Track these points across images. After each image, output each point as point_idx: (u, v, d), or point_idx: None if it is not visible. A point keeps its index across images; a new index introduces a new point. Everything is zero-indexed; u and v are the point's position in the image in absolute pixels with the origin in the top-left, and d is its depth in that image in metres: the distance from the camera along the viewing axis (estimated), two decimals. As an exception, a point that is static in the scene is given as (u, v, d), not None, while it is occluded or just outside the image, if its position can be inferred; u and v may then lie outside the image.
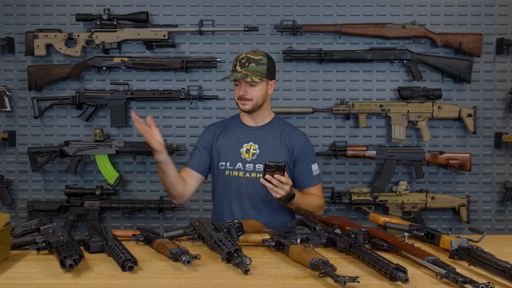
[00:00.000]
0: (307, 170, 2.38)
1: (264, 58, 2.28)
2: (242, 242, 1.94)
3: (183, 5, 3.31)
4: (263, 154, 2.34)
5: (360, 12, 3.31)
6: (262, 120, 2.40)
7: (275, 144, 2.36)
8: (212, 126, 2.48)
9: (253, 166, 2.33)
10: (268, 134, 2.38)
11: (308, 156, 2.39)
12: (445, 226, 3.33)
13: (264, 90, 2.30)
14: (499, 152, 3.34)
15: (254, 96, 2.28)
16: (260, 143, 2.36)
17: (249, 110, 2.31)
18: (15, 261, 1.75)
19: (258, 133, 2.38)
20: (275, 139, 2.37)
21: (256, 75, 2.24)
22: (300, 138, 2.40)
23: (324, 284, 1.50)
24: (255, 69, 2.25)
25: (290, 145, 2.37)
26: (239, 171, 2.34)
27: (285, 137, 2.38)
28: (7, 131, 3.30)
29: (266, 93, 2.33)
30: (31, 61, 3.29)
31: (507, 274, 1.44)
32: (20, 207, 3.36)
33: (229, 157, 2.36)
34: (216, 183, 2.41)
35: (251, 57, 2.27)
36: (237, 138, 2.38)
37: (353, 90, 3.33)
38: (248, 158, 2.34)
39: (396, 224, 2.03)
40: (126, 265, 1.60)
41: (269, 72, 2.30)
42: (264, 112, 2.39)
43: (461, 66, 3.21)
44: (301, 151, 2.37)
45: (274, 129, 2.39)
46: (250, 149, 2.35)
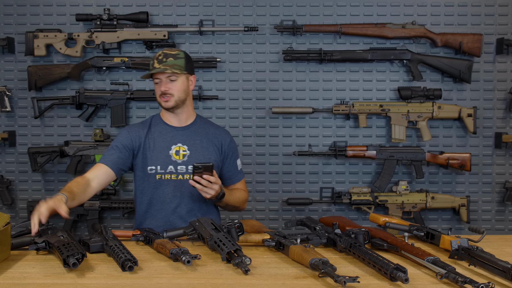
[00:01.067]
0: (234, 167, 2.45)
1: (181, 53, 2.31)
2: (242, 242, 1.94)
3: (183, 5, 3.31)
4: (193, 155, 2.33)
5: (360, 12, 3.31)
6: (186, 119, 2.39)
7: (203, 143, 2.37)
8: (135, 128, 2.39)
9: (185, 168, 2.32)
10: (195, 134, 2.38)
11: (234, 152, 2.46)
12: (445, 226, 3.33)
13: (185, 84, 2.30)
14: (499, 152, 3.34)
15: (175, 91, 2.27)
16: (188, 143, 2.35)
17: (172, 107, 2.30)
18: (15, 261, 1.75)
19: (185, 133, 2.37)
20: (203, 138, 2.38)
21: (176, 68, 2.25)
22: (226, 136, 2.45)
23: (324, 284, 1.49)
24: (174, 63, 2.26)
25: (218, 143, 2.40)
26: (171, 174, 2.31)
27: (212, 136, 2.40)
28: (7, 131, 3.30)
29: (187, 88, 2.32)
30: (31, 61, 3.29)
31: (507, 274, 1.44)
32: (20, 207, 3.36)
33: (158, 160, 2.31)
34: (143, 187, 2.34)
35: (168, 52, 2.28)
36: (163, 140, 2.35)
37: (353, 90, 3.33)
38: (179, 160, 2.32)
39: (396, 224, 2.03)
40: (126, 265, 1.60)
41: (187, 66, 2.30)
42: (188, 109, 2.38)
43: (461, 66, 3.21)
44: (228, 148, 2.42)
45: (199, 129, 2.40)
46: (179, 150, 2.33)
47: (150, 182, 2.33)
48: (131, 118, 3.32)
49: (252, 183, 3.35)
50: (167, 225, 2.26)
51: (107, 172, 2.28)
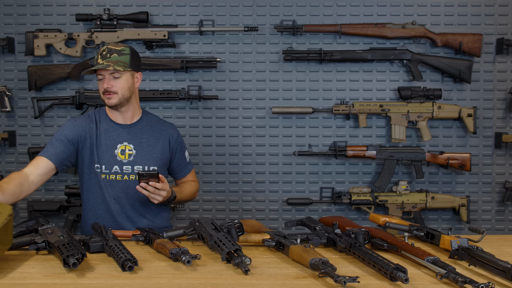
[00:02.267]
0: (182, 160, 2.44)
1: (127, 49, 2.22)
2: (242, 242, 1.94)
3: (183, 5, 3.31)
4: (139, 155, 2.28)
5: (360, 12, 3.31)
6: (132, 116, 2.31)
7: (150, 142, 2.31)
8: (81, 122, 2.28)
9: (131, 168, 2.26)
10: (141, 132, 2.31)
11: (182, 146, 2.44)
12: (445, 226, 3.33)
13: (129, 81, 2.22)
14: (499, 152, 3.34)
15: (119, 89, 2.19)
16: (134, 142, 2.29)
17: (116, 104, 2.22)
18: (15, 261, 1.75)
19: (131, 131, 2.30)
20: (149, 136, 2.32)
21: (119, 65, 2.18)
22: (173, 131, 2.41)
23: (324, 284, 1.49)
24: (118, 59, 2.18)
25: (166, 139, 2.36)
26: (117, 174, 2.25)
27: (158, 133, 2.34)
28: (7, 131, 3.30)
29: (132, 85, 2.24)
30: (31, 61, 3.29)
31: (507, 274, 1.44)
32: (20, 207, 3.36)
33: (104, 159, 2.24)
34: (89, 185, 2.28)
35: (112, 48, 2.20)
36: (109, 138, 2.27)
37: (353, 90, 3.33)
38: (124, 160, 2.26)
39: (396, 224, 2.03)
40: (126, 265, 1.60)
41: (133, 63, 2.22)
42: (133, 107, 2.30)
43: (461, 66, 3.21)
44: (176, 143, 2.40)
45: (145, 126, 2.33)
46: (125, 149, 2.27)
47: (96, 181, 2.26)
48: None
49: (252, 183, 3.35)
50: (113, 226, 2.21)
51: (48, 165, 2.17)
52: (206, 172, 3.35)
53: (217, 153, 3.34)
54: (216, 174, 3.35)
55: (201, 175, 3.34)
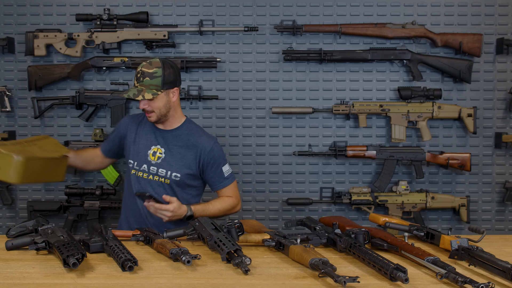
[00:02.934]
0: (218, 173, 2.46)
1: (159, 70, 2.30)
2: (242, 242, 1.94)
3: (183, 5, 3.31)
4: (168, 159, 2.39)
5: (360, 12, 3.31)
6: (171, 125, 2.44)
7: (181, 150, 2.40)
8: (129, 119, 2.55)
9: (156, 169, 2.40)
10: (176, 139, 2.42)
11: (217, 160, 2.44)
12: (445, 226, 3.33)
13: (164, 100, 2.34)
14: (499, 152, 3.34)
15: (155, 108, 2.33)
16: (166, 147, 2.40)
17: (156, 121, 2.38)
18: (15, 261, 1.75)
19: (166, 136, 2.43)
20: (182, 144, 2.41)
21: (151, 89, 2.28)
22: (207, 144, 2.43)
23: (324, 284, 1.50)
24: (150, 83, 2.29)
25: (198, 151, 2.40)
26: (144, 172, 2.41)
27: (193, 143, 2.41)
28: (7, 131, 3.29)
29: (168, 102, 2.36)
30: (31, 61, 3.29)
31: (507, 274, 1.45)
32: (20, 207, 3.36)
33: (137, 156, 2.43)
34: (126, 176, 2.50)
35: (145, 71, 2.30)
36: (147, 139, 2.44)
37: (353, 90, 3.33)
38: (153, 161, 2.40)
39: (396, 224, 2.03)
40: (126, 265, 1.60)
41: (166, 83, 2.32)
42: (173, 118, 2.42)
43: (461, 66, 3.21)
44: (209, 157, 2.42)
45: (183, 134, 2.43)
46: (156, 152, 2.40)
47: (129, 174, 2.46)
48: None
49: (252, 183, 3.35)
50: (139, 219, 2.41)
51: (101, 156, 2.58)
52: (206, 172, 3.35)
53: (217, 153, 3.34)
54: (216, 174, 3.35)
55: (201, 175, 3.34)
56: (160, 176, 2.38)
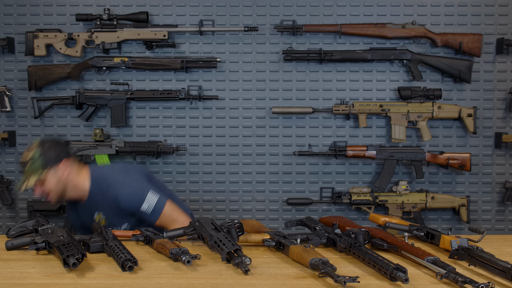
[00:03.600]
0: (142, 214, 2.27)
1: (37, 151, 2.21)
2: (242, 242, 1.94)
3: (183, 5, 3.31)
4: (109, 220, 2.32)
5: (360, 12, 3.31)
6: (82, 194, 2.30)
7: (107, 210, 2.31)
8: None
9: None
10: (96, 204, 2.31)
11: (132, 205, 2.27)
12: (445, 226, 3.33)
13: (54, 178, 2.22)
14: (499, 152, 3.34)
15: (49, 188, 2.23)
16: (100, 211, 2.33)
17: (56, 201, 2.31)
18: (15, 261, 1.75)
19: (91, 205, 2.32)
20: (104, 205, 2.31)
21: (35, 174, 2.19)
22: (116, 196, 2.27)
23: (324, 284, 1.49)
24: (32, 169, 2.20)
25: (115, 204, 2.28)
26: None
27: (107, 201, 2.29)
28: (7, 131, 3.30)
29: (61, 177, 2.23)
30: (31, 61, 3.29)
31: (507, 274, 1.44)
32: (20, 207, 3.36)
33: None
34: None
35: (24, 160, 2.23)
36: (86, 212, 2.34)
37: (353, 90, 3.33)
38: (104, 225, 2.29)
39: (396, 224, 2.03)
40: (126, 265, 1.60)
41: (48, 161, 2.21)
42: (77, 189, 2.29)
43: (461, 66, 3.21)
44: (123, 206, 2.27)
45: (97, 197, 2.31)
46: (100, 218, 2.33)
47: None
48: (131, 118, 3.32)
49: (252, 183, 3.35)
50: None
51: None
52: (206, 172, 3.35)
53: (217, 153, 3.34)
54: (216, 174, 3.35)
55: (201, 175, 3.34)
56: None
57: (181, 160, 3.31)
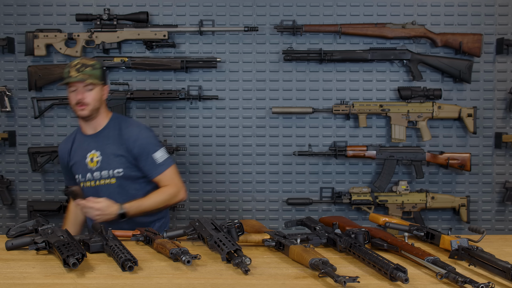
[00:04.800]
0: (149, 162, 2.39)
1: (98, 64, 2.38)
2: (242, 242, 1.94)
3: (183, 5, 3.31)
4: (105, 160, 2.37)
5: (360, 12, 3.31)
6: (99, 125, 2.42)
7: (113, 146, 2.39)
8: (62, 145, 2.53)
9: (99, 174, 2.38)
10: (106, 138, 2.40)
11: (146, 148, 2.38)
12: (445, 226, 3.33)
13: (99, 94, 2.37)
14: (499, 152, 3.34)
15: (91, 100, 2.33)
16: (101, 149, 2.39)
17: (87, 115, 2.35)
18: (15, 261, 1.75)
19: (97, 139, 2.41)
20: (113, 140, 2.39)
21: (93, 78, 2.32)
22: (133, 134, 2.40)
23: (324, 284, 1.49)
24: (91, 73, 2.32)
25: (126, 143, 2.38)
26: (90, 181, 2.39)
27: (120, 137, 2.40)
28: (7, 131, 3.30)
29: (101, 97, 2.39)
30: (31, 61, 3.29)
31: (507, 274, 1.44)
32: (20, 207, 3.36)
33: (79, 169, 2.42)
34: None
35: (85, 62, 2.35)
36: (81, 149, 2.43)
37: (353, 90, 3.33)
38: (93, 167, 2.39)
39: (396, 224, 2.03)
40: (126, 265, 1.60)
41: (103, 77, 2.39)
42: (101, 116, 2.41)
43: (461, 66, 3.21)
44: (136, 146, 2.38)
45: (110, 132, 2.41)
46: (93, 157, 2.39)
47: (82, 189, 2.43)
48: (131, 118, 3.32)
49: (252, 183, 3.35)
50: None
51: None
52: (206, 172, 3.35)
53: (217, 153, 3.34)
54: (216, 174, 3.35)
55: (201, 175, 3.34)
56: (104, 178, 2.38)
57: (181, 160, 3.31)
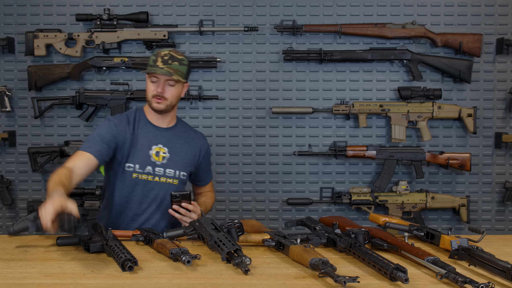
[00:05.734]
0: (207, 170, 2.50)
1: (186, 59, 2.27)
2: (242, 242, 1.94)
3: (183, 5, 3.31)
4: (173, 158, 2.31)
5: (360, 12, 3.31)
6: (169, 122, 2.35)
7: (183, 147, 2.35)
8: (120, 122, 2.28)
9: (163, 171, 2.29)
10: (176, 137, 2.35)
11: (209, 156, 2.50)
12: (445, 226, 3.33)
13: (180, 91, 2.28)
14: (499, 152, 3.34)
15: (170, 96, 2.24)
16: (169, 146, 2.32)
17: (163, 110, 2.26)
18: (15, 261, 1.75)
19: (166, 135, 2.33)
20: (183, 142, 2.36)
21: (179, 74, 2.22)
22: (204, 141, 2.46)
23: (324, 284, 1.50)
24: (178, 68, 2.22)
25: (197, 148, 2.40)
26: (149, 174, 2.27)
27: (191, 141, 2.39)
28: (7, 131, 3.30)
29: (180, 95, 2.30)
30: (31, 61, 3.29)
31: (507, 274, 1.44)
32: (20, 207, 3.36)
33: (138, 158, 2.26)
34: (117, 183, 2.29)
35: (174, 55, 2.23)
36: (145, 139, 2.29)
37: (353, 90, 3.33)
38: (158, 162, 2.29)
39: (396, 224, 2.03)
40: (126, 265, 1.60)
41: (187, 74, 2.29)
42: (173, 113, 2.36)
43: (461, 66, 3.21)
44: (206, 153, 2.44)
45: (180, 132, 2.38)
46: (160, 152, 2.30)
47: (125, 180, 2.26)
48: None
49: (252, 183, 3.35)
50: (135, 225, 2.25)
51: (92, 161, 2.16)
52: (206, 172, 3.35)
53: (217, 153, 3.34)
54: (216, 174, 3.35)
55: (201, 175, 3.34)
56: (168, 177, 2.30)
57: (181, 160, 3.31)
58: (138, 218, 2.30)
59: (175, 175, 2.31)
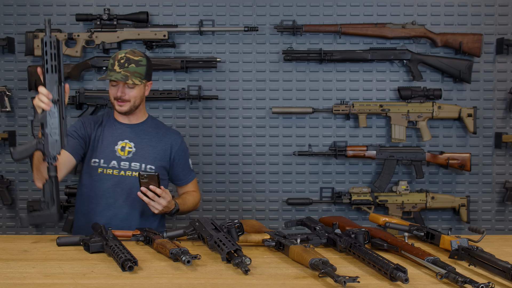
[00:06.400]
0: (186, 167, 2.46)
1: (144, 59, 2.28)
2: (242, 242, 1.94)
3: (183, 5, 3.31)
4: (139, 153, 2.33)
5: (360, 12, 3.31)
6: (137, 119, 2.39)
7: (151, 142, 2.36)
8: (88, 120, 2.38)
9: (128, 164, 2.31)
10: (144, 132, 2.37)
11: (185, 153, 2.48)
12: (445, 226, 3.33)
13: (142, 91, 2.31)
14: (499, 152, 3.34)
15: (132, 97, 2.28)
16: (136, 141, 2.34)
17: (126, 111, 2.31)
18: (15, 261, 1.75)
19: (134, 131, 2.36)
20: (151, 137, 2.38)
21: (136, 76, 2.24)
22: (177, 137, 2.45)
23: (324, 284, 1.50)
24: (135, 70, 2.24)
25: (168, 144, 2.39)
26: (114, 169, 2.30)
27: (162, 135, 2.39)
28: (7, 131, 3.29)
29: (143, 95, 2.34)
30: (31, 61, 3.29)
31: (507, 274, 1.45)
32: (20, 207, 3.36)
33: (103, 154, 2.31)
34: (84, 178, 2.34)
35: (130, 57, 2.25)
36: (111, 135, 2.34)
37: (353, 90, 3.33)
38: (123, 156, 2.32)
39: (396, 224, 2.03)
40: (126, 265, 1.60)
41: (147, 73, 2.31)
42: (140, 112, 2.39)
43: (461, 66, 3.21)
44: (180, 149, 2.43)
45: (150, 128, 2.40)
46: (125, 146, 2.33)
47: (92, 175, 2.31)
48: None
49: (252, 183, 3.35)
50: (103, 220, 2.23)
51: (70, 158, 2.26)
52: (206, 172, 3.35)
53: (217, 153, 3.34)
54: (216, 174, 3.35)
55: (201, 175, 3.34)
56: (133, 171, 2.30)
57: (181, 160, 3.31)
58: (106, 213, 2.30)
59: (141, 168, 2.32)
